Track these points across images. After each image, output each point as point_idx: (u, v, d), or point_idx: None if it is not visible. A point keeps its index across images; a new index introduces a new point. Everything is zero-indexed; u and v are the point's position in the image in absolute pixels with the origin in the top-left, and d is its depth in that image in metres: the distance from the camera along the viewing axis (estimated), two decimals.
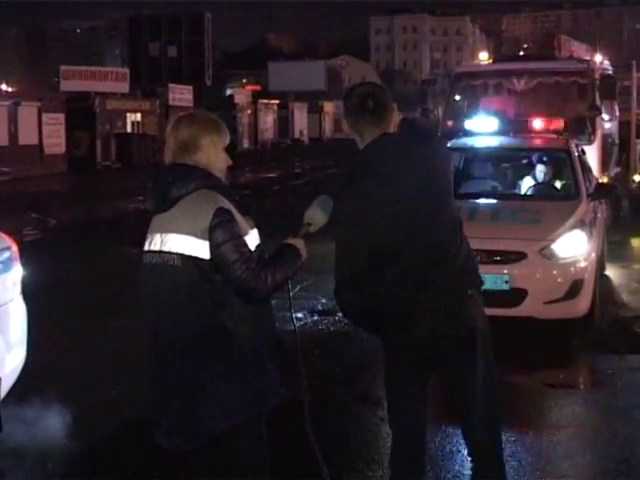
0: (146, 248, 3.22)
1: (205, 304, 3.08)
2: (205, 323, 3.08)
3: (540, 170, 8.86)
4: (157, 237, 3.18)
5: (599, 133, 11.76)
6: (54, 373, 6.65)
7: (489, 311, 3.73)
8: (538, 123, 10.70)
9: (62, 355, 7.26)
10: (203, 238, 3.07)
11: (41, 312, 9.00)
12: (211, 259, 3.07)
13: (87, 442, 5.25)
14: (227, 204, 3.12)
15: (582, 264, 7.30)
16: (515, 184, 9.07)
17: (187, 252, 3.09)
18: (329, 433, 5.18)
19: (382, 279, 3.42)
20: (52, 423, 5.40)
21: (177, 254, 3.10)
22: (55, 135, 33.12)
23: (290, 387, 3.28)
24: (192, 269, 3.08)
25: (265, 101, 59.73)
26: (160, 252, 3.15)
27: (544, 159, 8.97)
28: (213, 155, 3.22)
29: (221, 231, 3.06)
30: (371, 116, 3.49)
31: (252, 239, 3.18)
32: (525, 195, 8.67)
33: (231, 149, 3.31)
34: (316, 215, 3.49)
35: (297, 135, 63.30)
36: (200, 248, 3.07)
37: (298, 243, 3.30)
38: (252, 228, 3.22)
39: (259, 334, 3.16)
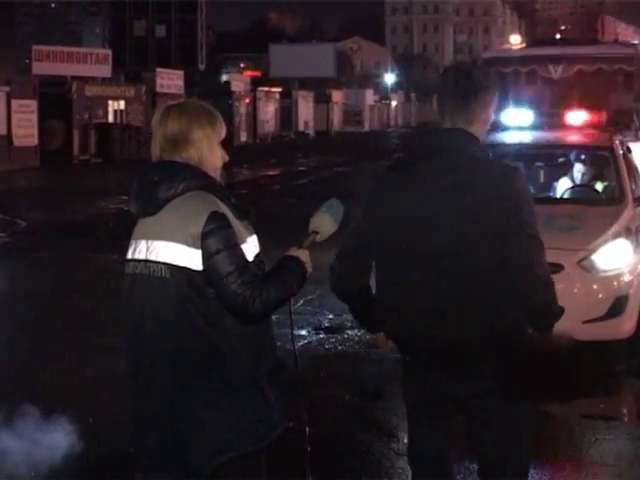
0: (129, 256, 3.21)
1: (195, 322, 3.06)
2: (195, 344, 3.06)
3: (579, 170, 8.85)
4: (142, 244, 3.16)
5: None
6: (21, 396, 6.64)
7: None
8: (577, 116, 10.68)
9: (30, 376, 7.25)
10: (195, 246, 3.05)
11: (8, 327, 9.03)
12: (203, 270, 3.05)
13: None
14: (222, 207, 3.10)
15: (627, 278, 7.27)
16: (550, 186, 9.06)
17: (176, 262, 3.07)
18: (335, 469, 5.17)
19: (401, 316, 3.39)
20: (18, 460, 5.39)
21: (165, 264, 3.09)
22: (26, 125, 33.16)
23: (292, 416, 3.26)
24: (182, 281, 3.06)
25: (265, 89, 59.82)
26: (146, 261, 3.14)
27: (584, 158, 8.94)
28: (207, 151, 3.20)
29: (214, 239, 3.03)
30: (454, 96, 3.38)
31: (250, 247, 3.16)
32: (561, 198, 8.64)
33: (225, 143, 3.29)
34: (324, 222, 3.39)
35: (301, 128, 63.38)
36: (191, 258, 3.05)
37: (302, 255, 3.25)
38: (251, 235, 3.19)
39: (257, 357, 3.13)
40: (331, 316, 9.14)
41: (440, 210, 3.28)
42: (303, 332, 8.44)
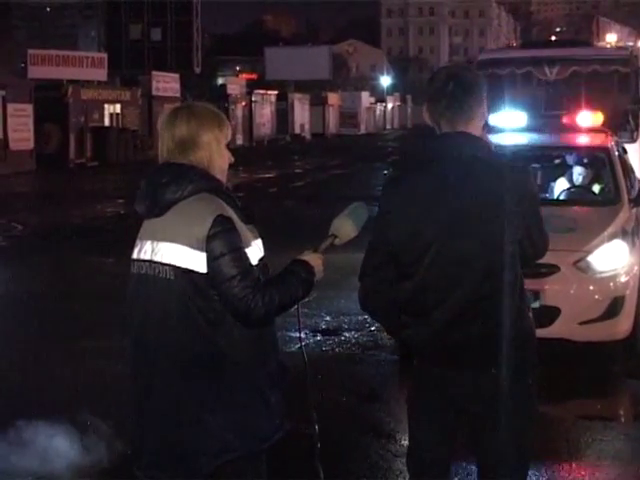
0: (135, 256, 3.21)
1: (198, 323, 3.07)
2: (197, 345, 3.07)
3: (575, 171, 8.86)
4: (147, 245, 3.17)
5: None
6: (16, 399, 6.64)
7: None
8: (573, 118, 10.70)
9: (27, 378, 7.24)
10: (200, 249, 3.05)
11: (4, 330, 9.03)
12: (207, 273, 3.05)
13: None
14: (228, 211, 3.10)
15: (623, 279, 7.29)
16: (546, 187, 9.06)
17: (181, 264, 3.08)
18: (332, 472, 5.16)
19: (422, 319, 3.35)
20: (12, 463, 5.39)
21: (170, 265, 3.10)
22: (22, 129, 33.15)
23: (292, 418, 3.26)
24: (186, 283, 3.07)
25: (261, 92, 59.82)
26: (151, 262, 3.15)
27: (579, 159, 8.95)
28: (216, 154, 3.20)
29: (220, 242, 3.04)
30: (448, 101, 3.33)
31: (255, 251, 3.16)
32: (558, 200, 8.65)
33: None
34: (344, 227, 3.33)
35: (298, 130, 63.39)
36: (196, 260, 3.06)
37: (314, 260, 3.22)
38: (256, 238, 3.19)
39: (259, 359, 3.14)
40: (328, 318, 9.15)
41: (454, 215, 3.27)
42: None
